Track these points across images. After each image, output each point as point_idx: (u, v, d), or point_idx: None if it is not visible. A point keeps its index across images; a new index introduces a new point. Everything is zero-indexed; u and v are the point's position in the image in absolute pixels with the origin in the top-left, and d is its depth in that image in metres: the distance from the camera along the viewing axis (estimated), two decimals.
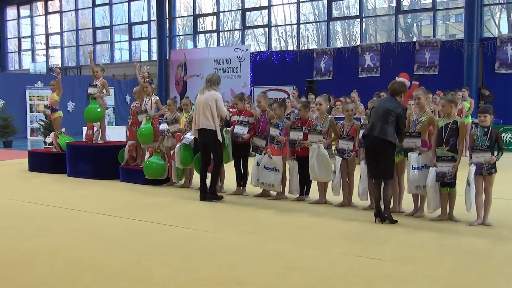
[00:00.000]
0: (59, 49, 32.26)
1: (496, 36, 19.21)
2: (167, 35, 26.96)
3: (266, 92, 10.05)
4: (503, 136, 15.58)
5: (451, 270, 4.94)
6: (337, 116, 10.15)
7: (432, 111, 8.46)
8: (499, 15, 20.86)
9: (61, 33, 32.03)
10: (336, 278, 4.74)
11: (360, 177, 7.59)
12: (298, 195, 8.31)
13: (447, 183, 6.73)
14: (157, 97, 10.19)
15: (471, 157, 6.67)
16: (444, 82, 17.93)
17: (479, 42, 18.72)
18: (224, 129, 8.71)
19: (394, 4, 21.57)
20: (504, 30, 20.12)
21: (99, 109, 10.99)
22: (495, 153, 6.59)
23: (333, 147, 7.98)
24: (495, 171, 6.59)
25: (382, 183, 6.90)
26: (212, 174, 8.32)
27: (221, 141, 8.25)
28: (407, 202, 7.33)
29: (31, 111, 23.20)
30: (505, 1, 20.31)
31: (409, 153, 7.01)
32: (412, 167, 6.94)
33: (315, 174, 7.79)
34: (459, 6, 20.44)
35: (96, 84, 11.03)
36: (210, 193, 8.27)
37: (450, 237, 6.11)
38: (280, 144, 8.23)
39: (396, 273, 4.84)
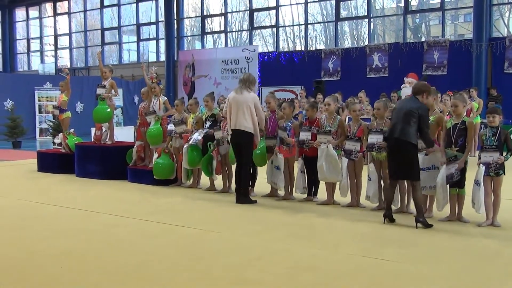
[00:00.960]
0: (68, 50, 32.41)
1: (505, 36, 19.10)
2: (175, 35, 27.02)
3: (274, 92, 10.02)
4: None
5: (460, 271, 4.91)
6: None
7: (440, 111, 8.40)
8: (508, 14, 20.73)
9: (69, 34, 32.17)
10: (344, 278, 4.73)
11: (370, 179, 7.56)
12: (305, 195, 8.31)
13: (455, 182, 6.69)
14: (165, 98, 10.20)
15: (479, 157, 6.64)
16: (452, 82, 17.84)
17: (488, 42, 18.61)
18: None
19: (402, 4, 21.50)
20: None
21: (107, 110, 11.02)
22: (504, 154, 6.55)
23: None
24: (504, 173, 6.56)
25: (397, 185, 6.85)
26: (243, 177, 8.18)
27: (257, 143, 8.16)
28: None
29: (40, 112, 23.31)
30: None
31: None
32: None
33: (324, 174, 7.77)
34: (468, 5, 20.35)
35: (105, 85, 11.07)
36: (243, 196, 8.10)
37: (459, 238, 6.09)
38: (289, 146, 8.24)
39: (404, 274, 4.82)
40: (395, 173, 6.75)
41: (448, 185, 6.75)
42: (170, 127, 9.60)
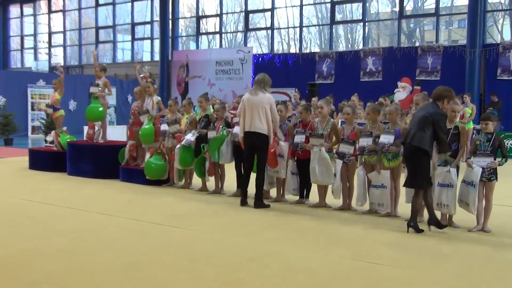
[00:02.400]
0: (62, 48, 32.30)
1: (499, 42, 19.22)
2: (170, 35, 27.00)
3: None
4: (505, 143, 15.55)
5: (451, 275, 4.92)
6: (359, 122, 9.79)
7: None
8: (502, 21, 20.87)
9: (64, 32, 32.09)
10: (338, 281, 4.73)
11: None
12: (297, 197, 8.31)
13: None
14: (159, 98, 10.18)
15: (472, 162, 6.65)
16: None
17: (482, 48, 18.72)
18: (224, 129, 8.74)
19: (397, 9, 21.59)
20: (507, 37, 20.14)
21: (100, 109, 10.99)
22: (499, 159, 6.56)
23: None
24: (496, 179, 6.57)
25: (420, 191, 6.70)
26: (257, 180, 8.00)
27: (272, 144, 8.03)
28: (406, 207, 7.31)
29: (32, 109, 23.21)
30: (508, 8, 20.34)
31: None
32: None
33: (316, 177, 7.77)
34: (462, 11, 20.46)
35: (98, 84, 11.04)
36: (256, 200, 7.94)
37: (450, 243, 6.10)
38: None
39: (396, 278, 4.82)
40: (408, 180, 6.59)
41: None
42: (164, 127, 9.58)
